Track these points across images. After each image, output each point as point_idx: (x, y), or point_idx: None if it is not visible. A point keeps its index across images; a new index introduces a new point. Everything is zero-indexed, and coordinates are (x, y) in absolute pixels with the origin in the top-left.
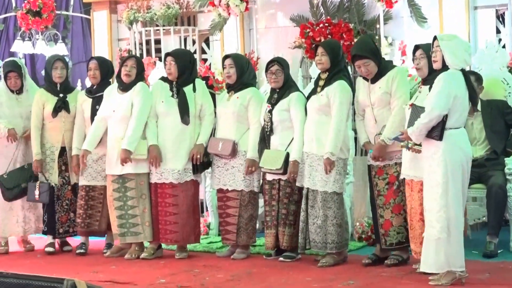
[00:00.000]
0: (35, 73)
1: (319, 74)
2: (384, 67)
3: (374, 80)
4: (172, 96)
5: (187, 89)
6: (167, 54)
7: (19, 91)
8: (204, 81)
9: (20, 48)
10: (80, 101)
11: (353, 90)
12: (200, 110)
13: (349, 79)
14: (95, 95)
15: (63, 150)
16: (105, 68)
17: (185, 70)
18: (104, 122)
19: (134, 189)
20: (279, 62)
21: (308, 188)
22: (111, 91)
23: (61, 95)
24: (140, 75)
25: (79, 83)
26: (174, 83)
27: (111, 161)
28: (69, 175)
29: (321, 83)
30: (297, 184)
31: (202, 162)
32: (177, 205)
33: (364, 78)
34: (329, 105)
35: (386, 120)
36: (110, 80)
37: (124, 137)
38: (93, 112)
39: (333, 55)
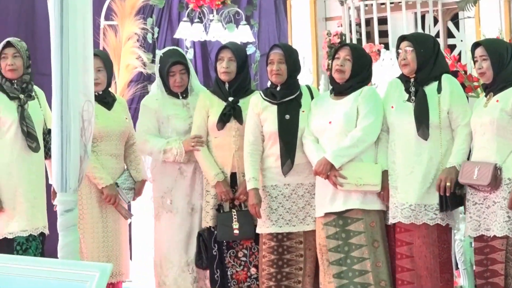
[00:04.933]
0: (208, 69)
1: None
2: None
3: None
4: (408, 99)
5: (429, 90)
6: (402, 38)
7: (185, 93)
8: None
9: (188, 33)
10: (256, 108)
11: None
12: (450, 118)
13: None
14: (282, 100)
15: (233, 177)
16: (293, 61)
17: (426, 61)
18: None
19: (362, 233)
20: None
21: None
22: (323, 99)
23: (230, 98)
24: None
25: None
26: (412, 81)
27: (324, 196)
28: None
29: None
30: None
31: (453, 192)
32: (412, 258)
33: None
34: None
35: None
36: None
37: (337, 145)
38: (282, 123)
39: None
